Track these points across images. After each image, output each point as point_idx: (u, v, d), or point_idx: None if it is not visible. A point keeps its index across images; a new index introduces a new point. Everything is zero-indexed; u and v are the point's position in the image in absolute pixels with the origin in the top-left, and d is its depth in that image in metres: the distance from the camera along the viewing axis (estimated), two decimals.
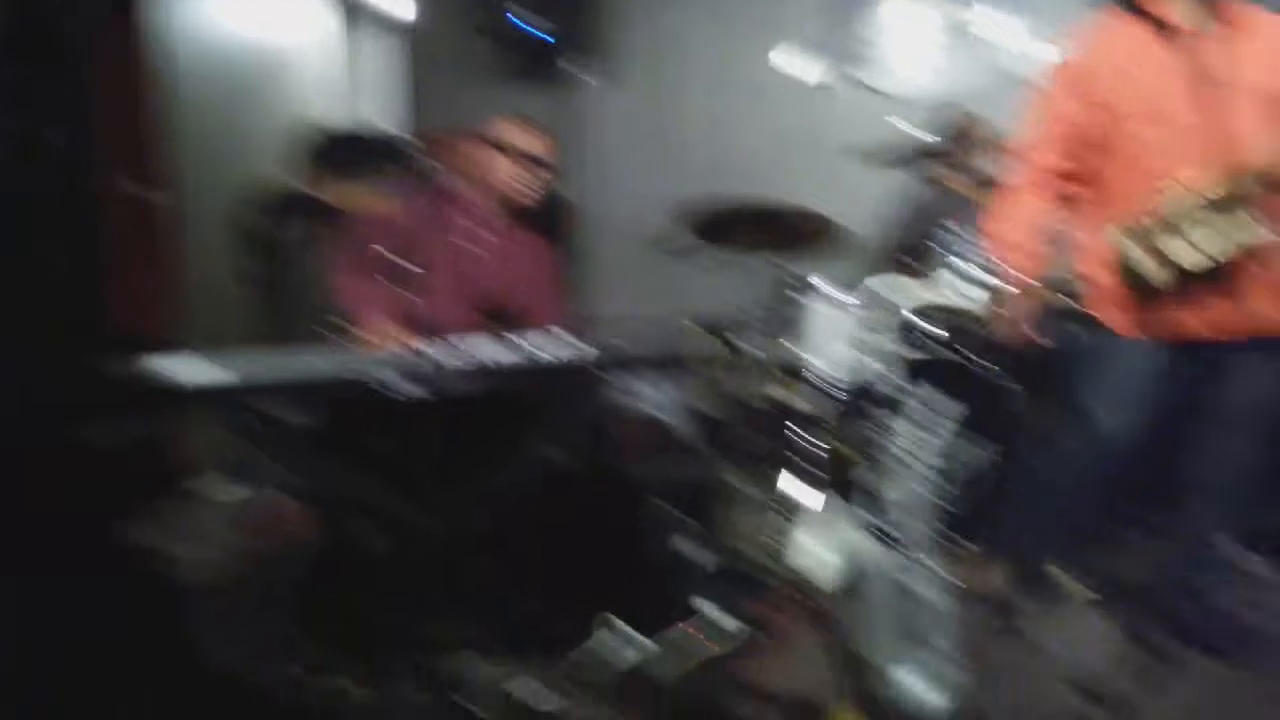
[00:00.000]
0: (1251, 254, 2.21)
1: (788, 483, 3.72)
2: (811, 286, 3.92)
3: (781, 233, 3.79)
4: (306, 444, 2.39)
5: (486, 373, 2.34)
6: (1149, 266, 2.22)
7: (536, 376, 2.39)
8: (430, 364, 2.33)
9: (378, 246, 2.70)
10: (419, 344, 2.38)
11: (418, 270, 2.66)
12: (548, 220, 3.39)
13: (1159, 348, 2.41)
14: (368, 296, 2.78)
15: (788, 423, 3.68)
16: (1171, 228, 2.17)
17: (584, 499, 2.53)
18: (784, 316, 4.03)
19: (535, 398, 2.39)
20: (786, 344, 3.90)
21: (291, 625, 2.35)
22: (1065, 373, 2.77)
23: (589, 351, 2.38)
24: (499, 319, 2.93)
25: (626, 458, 2.78)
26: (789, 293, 4.00)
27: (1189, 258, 2.14)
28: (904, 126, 4.20)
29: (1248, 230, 2.14)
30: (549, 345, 2.38)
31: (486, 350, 2.37)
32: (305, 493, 2.60)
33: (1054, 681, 2.28)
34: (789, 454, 3.62)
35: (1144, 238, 2.21)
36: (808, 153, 4.72)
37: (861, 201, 4.22)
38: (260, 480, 2.75)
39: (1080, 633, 2.62)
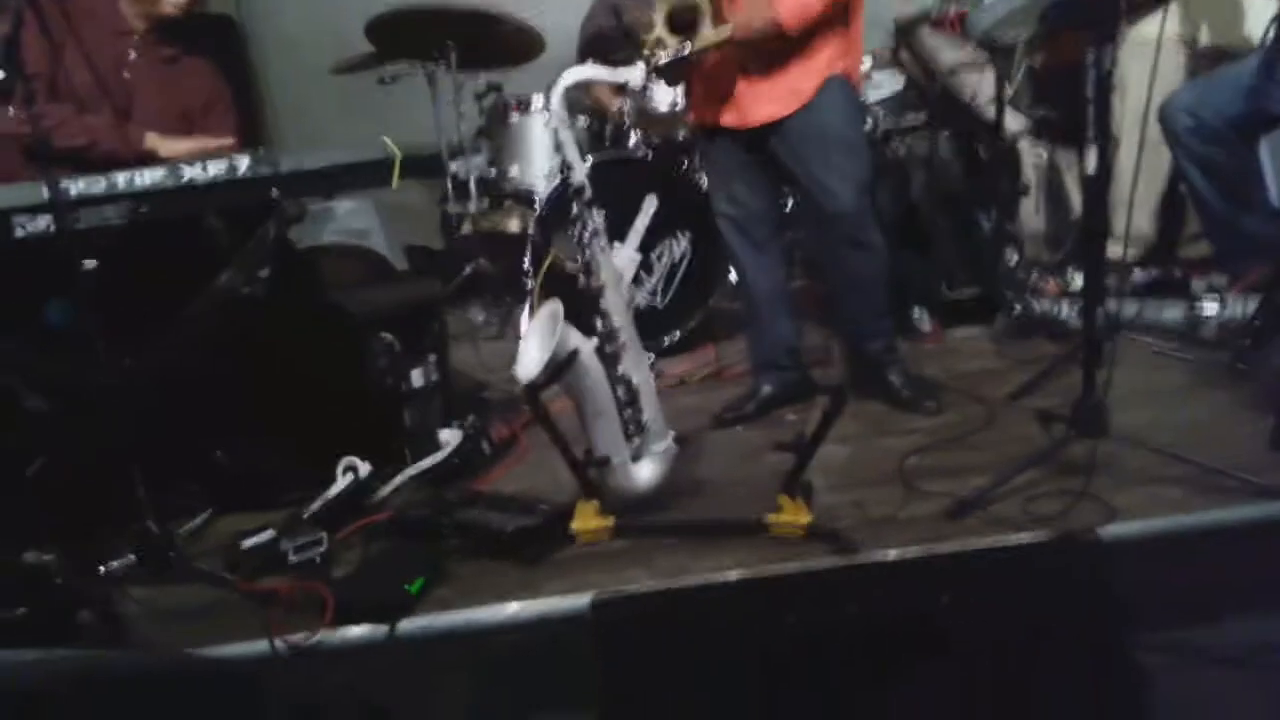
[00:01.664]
0: (742, 61, 2.56)
1: (504, 300, 3.74)
2: (513, 99, 3.84)
3: (474, 40, 3.63)
4: None
5: (154, 201, 2.11)
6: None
7: (214, 204, 2.18)
8: (83, 195, 2.07)
9: None
10: (65, 175, 2.10)
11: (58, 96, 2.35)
12: (213, 42, 3.05)
13: (724, 136, 2.68)
14: None
15: (500, 242, 3.66)
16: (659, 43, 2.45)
17: (284, 333, 2.39)
18: (491, 134, 3.93)
19: (216, 228, 2.18)
20: (494, 162, 3.82)
21: None
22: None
23: (273, 176, 2.18)
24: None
25: (329, 287, 2.64)
26: (492, 107, 3.89)
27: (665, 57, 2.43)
28: None
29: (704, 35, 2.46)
30: (225, 170, 2.16)
31: (150, 177, 2.13)
32: None
33: (765, 450, 2.47)
34: (505, 272, 3.63)
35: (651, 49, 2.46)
36: None
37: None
38: None
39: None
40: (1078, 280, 3.35)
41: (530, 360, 2.12)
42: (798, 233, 3.52)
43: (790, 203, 3.48)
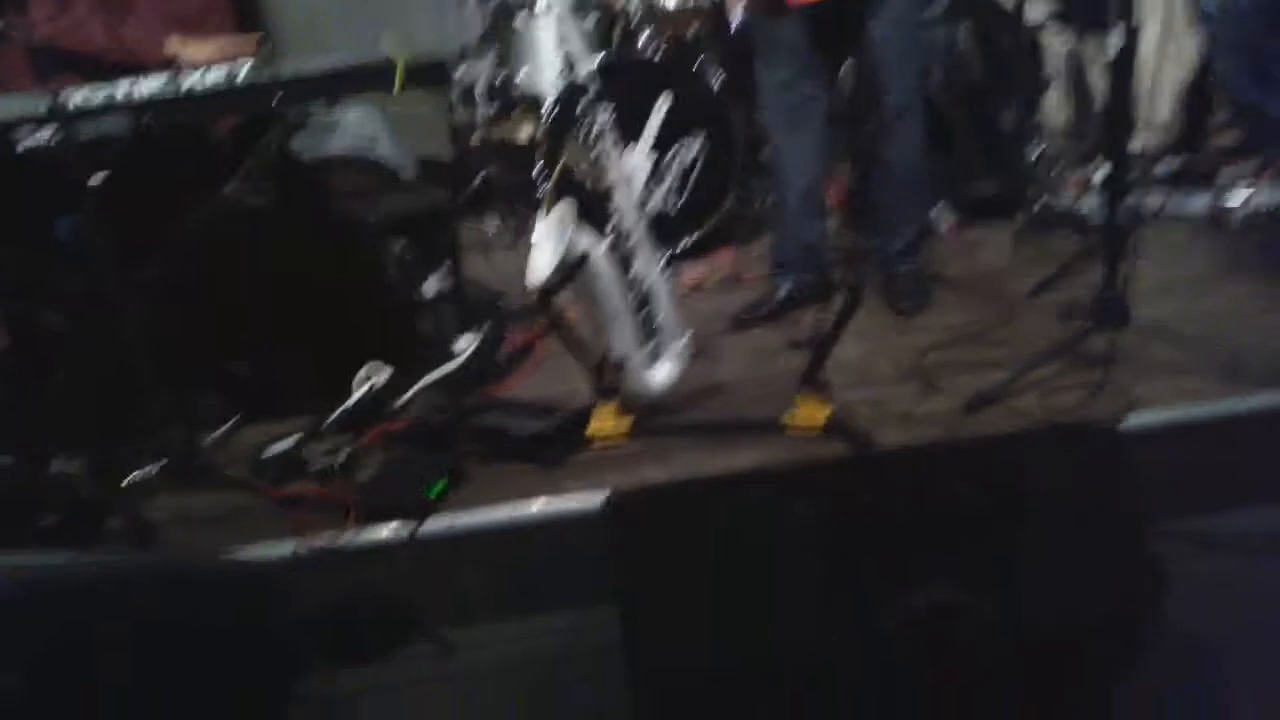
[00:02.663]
0: None
1: (517, 210, 3.70)
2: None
3: None
4: None
5: (155, 111, 2.08)
6: None
7: (215, 112, 2.15)
8: (83, 107, 2.05)
9: None
10: (60, 85, 2.06)
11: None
12: None
13: (790, 16, 2.58)
14: None
15: (511, 150, 3.61)
16: None
17: (295, 243, 2.38)
18: (497, 37, 3.84)
19: (219, 138, 2.15)
20: (501, 66, 3.74)
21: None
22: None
23: (275, 82, 2.14)
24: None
25: (339, 197, 2.62)
26: (497, 8, 3.79)
27: None
28: None
29: None
30: (225, 78, 2.12)
31: (150, 87, 2.09)
32: None
33: (782, 350, 2.46)
34: (517, 182, 3.58)
35: None
36: None
37: None
38: None
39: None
40: (1101, 174, 3.27)
41: (542, 264, 2.09)
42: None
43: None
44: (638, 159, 3.19)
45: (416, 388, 2.43)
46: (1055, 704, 1.63)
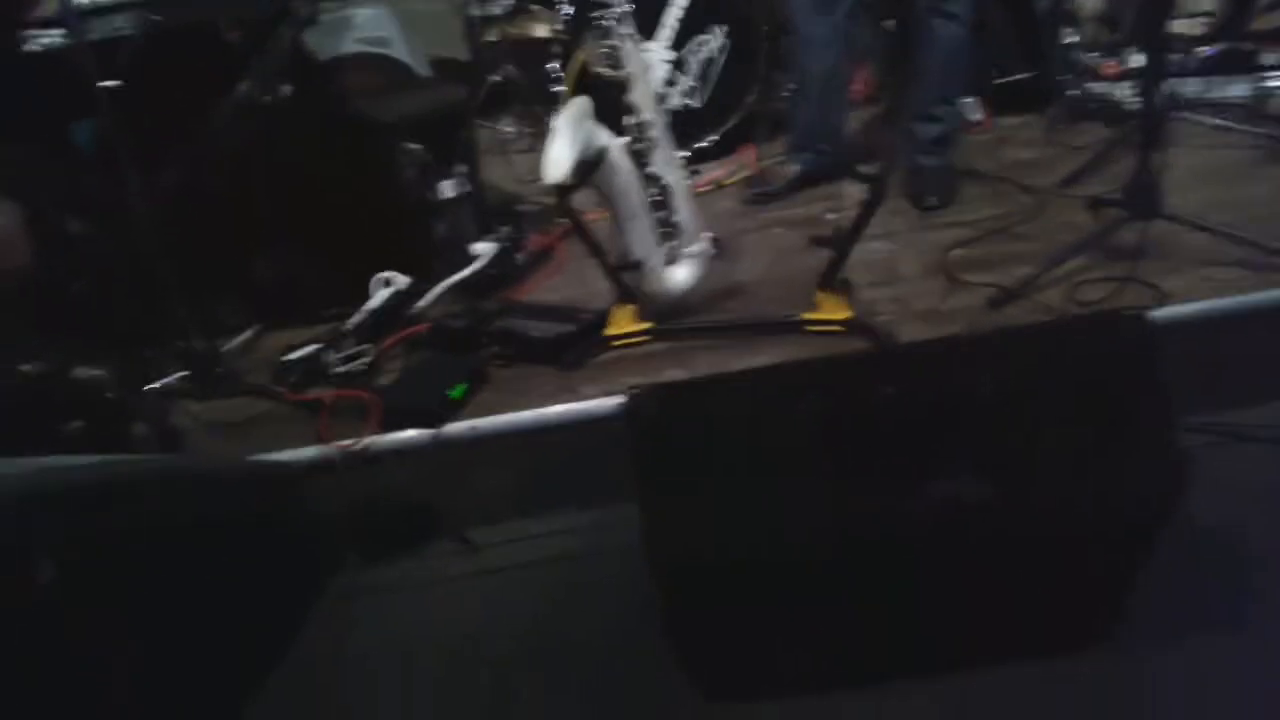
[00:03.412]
0: None
1: (535, 111, 3.63)
2: None
3: None
4: None
5: (165, 9, 2.04)
6: None
7: (225, 9, 2.10)
8: (93, 5, 2.00)
9: None
10: None
11: None
12: None
13: None
14: None
15: (529, 48, 3.52)
16: None
17: (309, 144, 2.34)
18: None
19: (231, 37, 2.10)
20: None
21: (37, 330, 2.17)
22: None
23: None
24: None
25: (353, 97, 2.57)
26: None
27: None
28: None
29: None
30: None
31: None
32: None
33: (803, 250, 2.42)
34: (535, 80, 3.50)
35: None
36: None
37: None
38: None
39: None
40: (1137, 60, 3.15)
41: (559, 160, 2.05)
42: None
43: None
44: (657, 54, 3.11)
45: (437, 291, 2.43)
46: (1077, 597, 1.64)
